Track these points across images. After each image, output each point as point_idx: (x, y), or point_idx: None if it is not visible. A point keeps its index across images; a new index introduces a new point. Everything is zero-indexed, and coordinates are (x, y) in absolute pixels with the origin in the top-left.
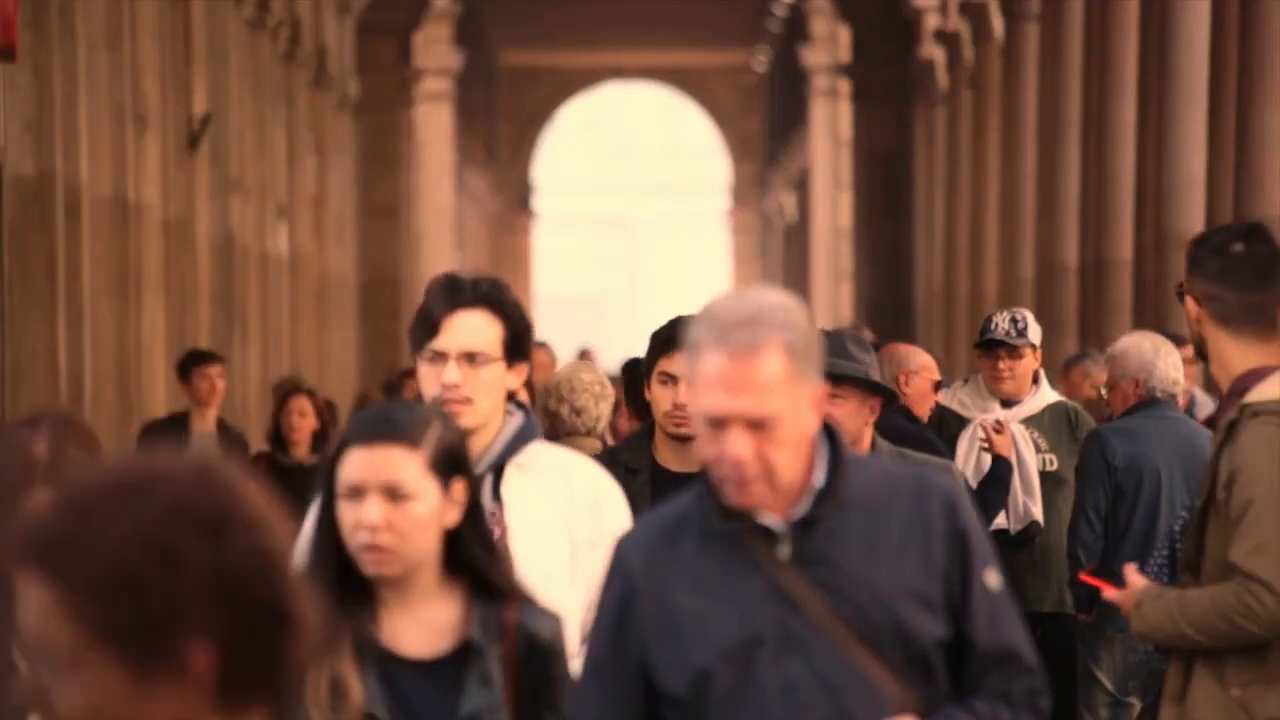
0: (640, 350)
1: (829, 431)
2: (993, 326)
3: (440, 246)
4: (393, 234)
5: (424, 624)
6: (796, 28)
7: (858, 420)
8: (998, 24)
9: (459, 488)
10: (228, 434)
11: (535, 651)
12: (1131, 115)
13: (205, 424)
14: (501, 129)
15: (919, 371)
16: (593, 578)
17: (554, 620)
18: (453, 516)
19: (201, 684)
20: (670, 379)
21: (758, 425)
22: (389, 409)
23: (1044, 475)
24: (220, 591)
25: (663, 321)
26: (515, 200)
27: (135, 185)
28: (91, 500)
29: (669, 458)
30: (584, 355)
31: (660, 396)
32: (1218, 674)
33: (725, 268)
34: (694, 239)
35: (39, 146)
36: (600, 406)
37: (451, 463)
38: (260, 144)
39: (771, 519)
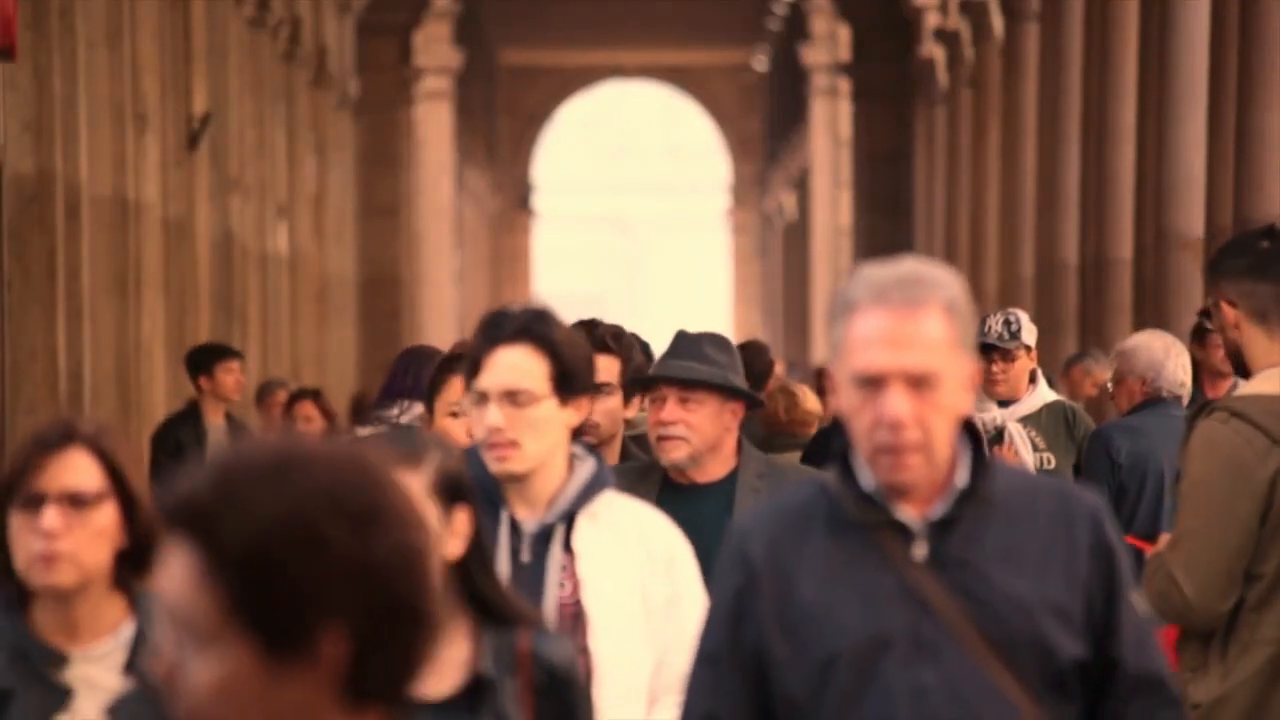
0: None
1: (971, 431)
2: (986, 329)
3: (440, 246)
4: (392, 233)
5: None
6: (796, 27)
7: (717, 425)
8: (998, 23)
9: (461, 518)
10: (236, 428)
11: (554, 681)
12: (1131, 114)
13: (217, 418)
14: (501, 128)
15: None
16: (668, 640)
17: (569, 645)
18: (455, 548)
19: (331, 673)
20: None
21: (920, 383)
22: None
23: (1042, 474)
24: (361, 582)
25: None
26: (515, 199)
27: (135, 184)
28: (245, 474)
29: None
30: None
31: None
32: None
33: (725, 267)
34: (694, 238)
35: (39, 145)
36: None
37: (453, 491)
38: (260, 143)
39: (909, 515)
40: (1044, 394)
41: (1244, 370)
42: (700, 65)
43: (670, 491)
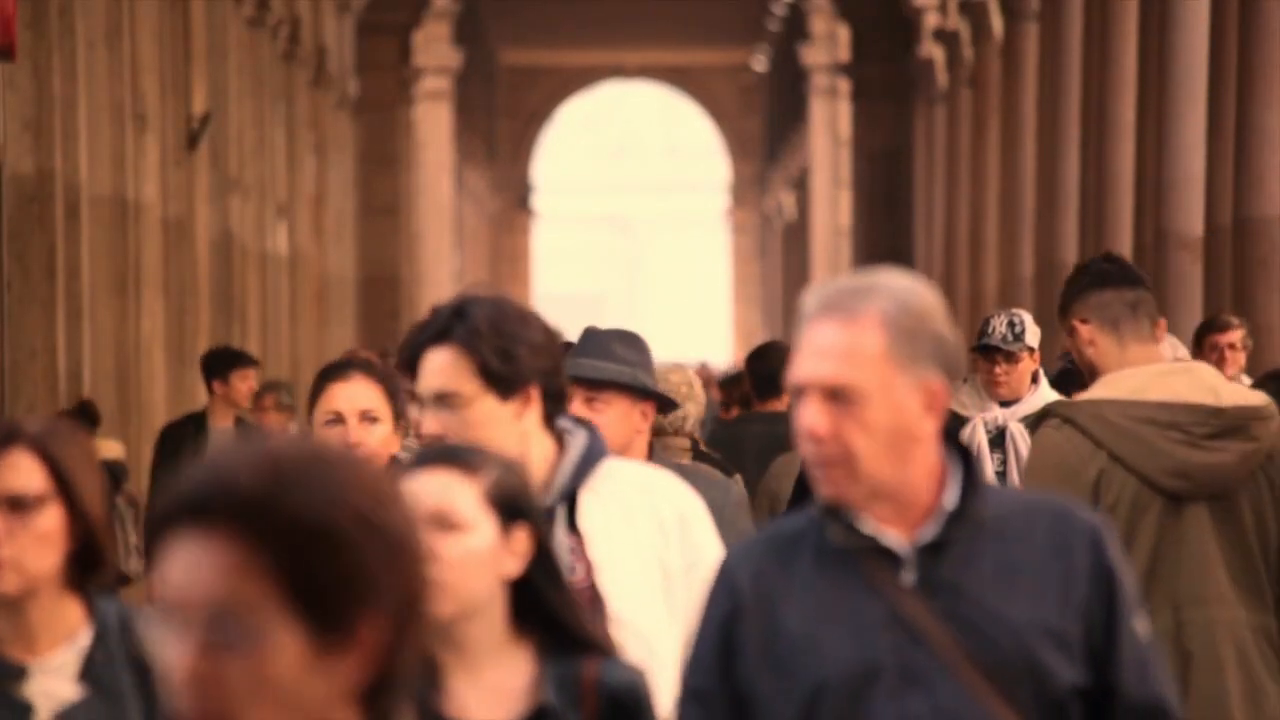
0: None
1: (963, 452)
2: (990, 330)
3: (440, 246)
4: (392, 233)
5: (491, 689)
6: (796, 27)
7: (625, 427)
8: (997, 23)
9: (520, 536)
10: (246, 432)
11: (620, 712)
12: (1131, 113)
13: (225, 422)
14: (501, 128)
15: None
16: (691, 606)
17: (638, 675)
18: (513, 566)
19: (365, 664)
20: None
21: (836, 396)
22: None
23: None
24: (401, 569)
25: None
26: (515, 199)
27: (135, 184)
28: (289, 463)
29: None
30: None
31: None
32: None
33: (725, 267)
34: (694, 238)
35: (38, 145)
36: (688, 406)
37: (511, 506)
38: (260, 143)
39: (896, 540)
40: (1045, 394)
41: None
42: (700, 65)
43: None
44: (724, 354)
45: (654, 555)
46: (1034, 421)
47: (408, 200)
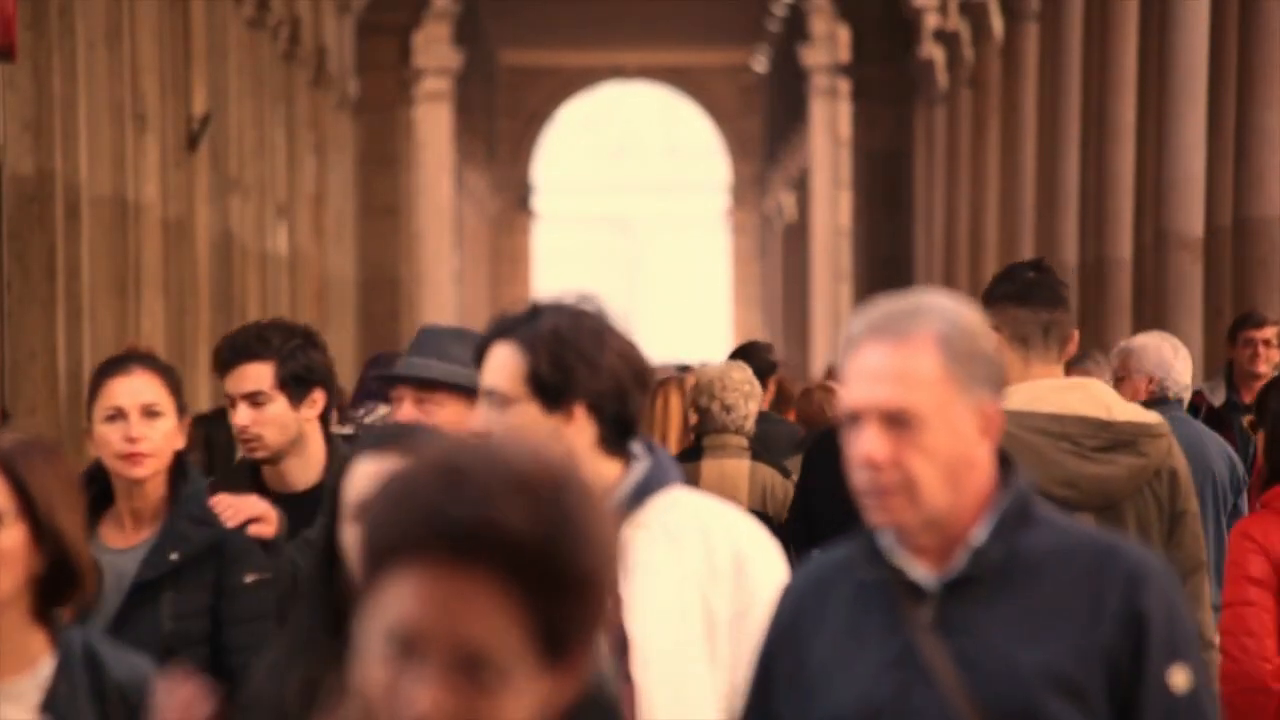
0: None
1: (1012, 480)
2: None
3: (440, 246)
4: (392, 233)
5: None
6: (796, 27)
7: (461, 425)
8: (997, 23)
9: None
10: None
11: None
12: (1131, 114)
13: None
14: (501, 128)
15: None
16: (741, 657)
17: (596, 687)
18: None
19: (573, 685)
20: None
21: (896, 421)
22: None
23: None
24: (614, 598)
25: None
26: (515, 200)
27: (135, 184)
28: (554, 500)
29: (273, 481)
30: None
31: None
32: None
33: (725, 267)
34: (694, 238)
35: (38, 145)
36: (749, 405)
37: None
38: (260, 143)
39: (923, 574)
40: None
41: None
42: (700, 66)
43: None
44: (724, 354)
45: (698, 598)
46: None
47: (408, 201)
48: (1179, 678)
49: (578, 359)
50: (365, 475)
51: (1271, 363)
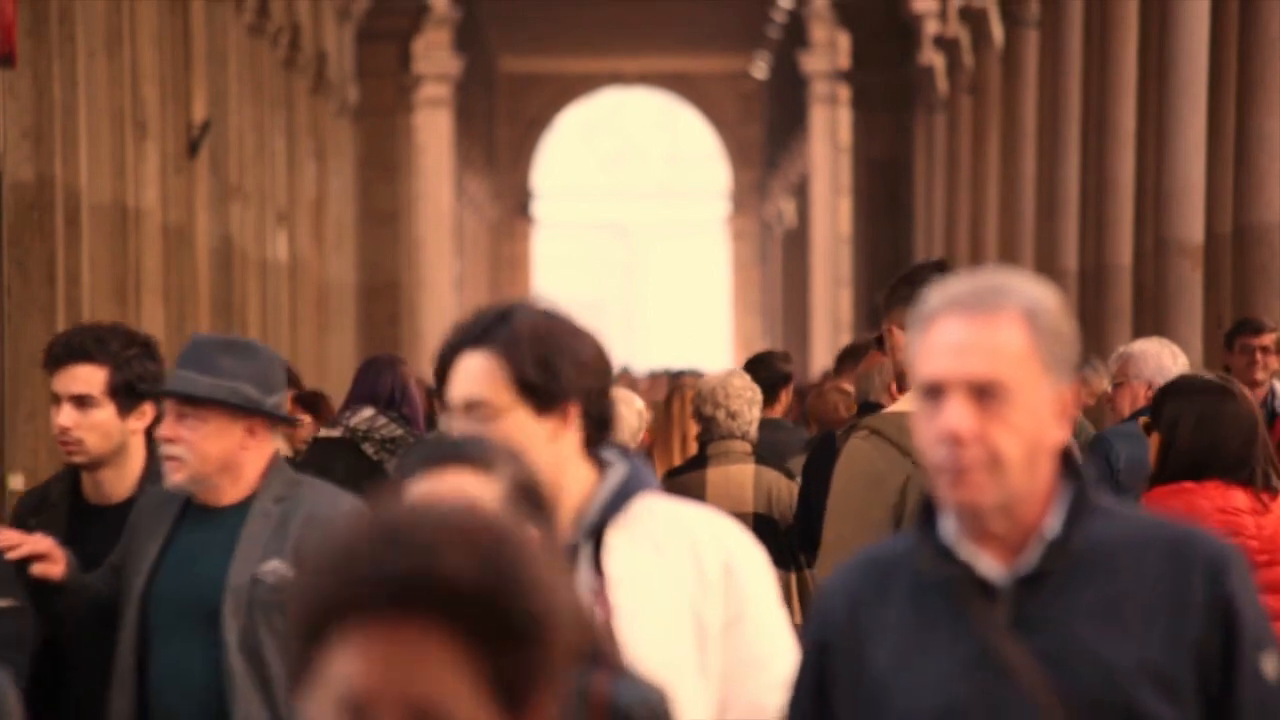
0: (639, 354)
1: (1075, 471)
2: None
3: (440, 252)
4: (392, 240)
5: None
6: (796, 34)
7: (224, 444)
8: (997, 30)
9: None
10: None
11: None
12: (1131, 120)
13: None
14: (501, 134)
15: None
16: (731, 669)
17: (656, 694)
18: None
19: None
20: (56, 399)
21: (983, 393)
22: (448, 437)
23: None
24: (577, 648)
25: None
26: (514, 206)
27: (135, 191)
28: (495, 549)
29: (89, 490)
30: None
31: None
32: None
33: (725, 274)
34: (693, 245)
35: (38, 152)
36: (752, 410)
37: (530, 504)
38: (260, 150)
39: (994, 569)
40: None
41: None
42: (700, 72)
43: (193, 514)
44: (723, 361)
45: (688, 606)
46: (844, 434)
47: (408, 207)
48: (1270, 665)
49: (563, 357)
50: (416, 490)
51: (1270, 370)
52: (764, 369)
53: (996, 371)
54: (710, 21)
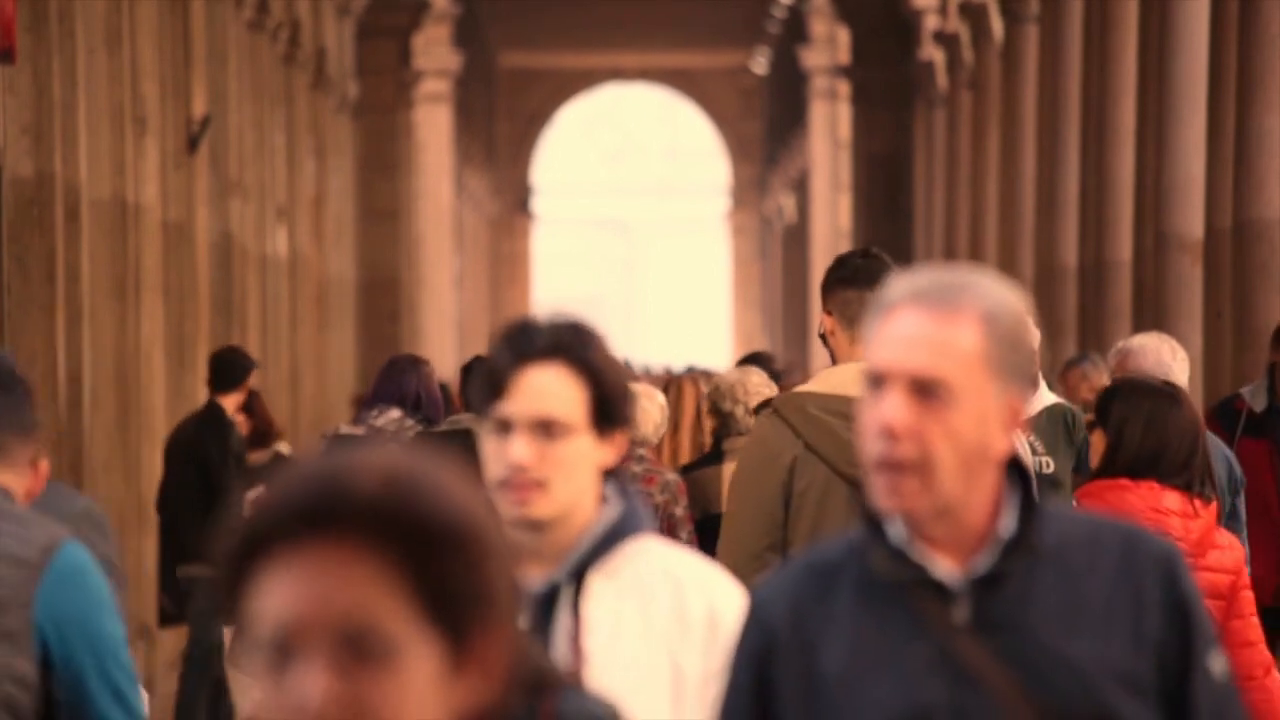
0: (637, 352)
1: (1021, 474)
2: None
3: (440, 249)
4: (392, 236)
5: None
6: (796, 29)
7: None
8: (997, 25)
9: None
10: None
11: None
12: (1131, 116)
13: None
14: (501, 130)
15: None
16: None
17: (605, 708)
18: None
19: (482, 681)
20: None
21: (926, 390)
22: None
23: (1041, 478)
24: (508, 581)
25: None
26: (514, 202)
27: (135, 187)
28: (403, 471)
29: None
30: None
31: None
32: None
33: (724, 270)
34: (693, 241)
35: (38, 148)
36: None
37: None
38: (259, 146)
39: (948, 571)
40: (1044, 397)
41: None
42: (699, 68)
43: None
44: (723, 357)
45: (666, 655)
46: (756, 411)
47: (408, 203)
48: (1218, 664)
49: (625, 386)
50: None
51: None
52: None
53: (941, 370)
54: (710, 17)
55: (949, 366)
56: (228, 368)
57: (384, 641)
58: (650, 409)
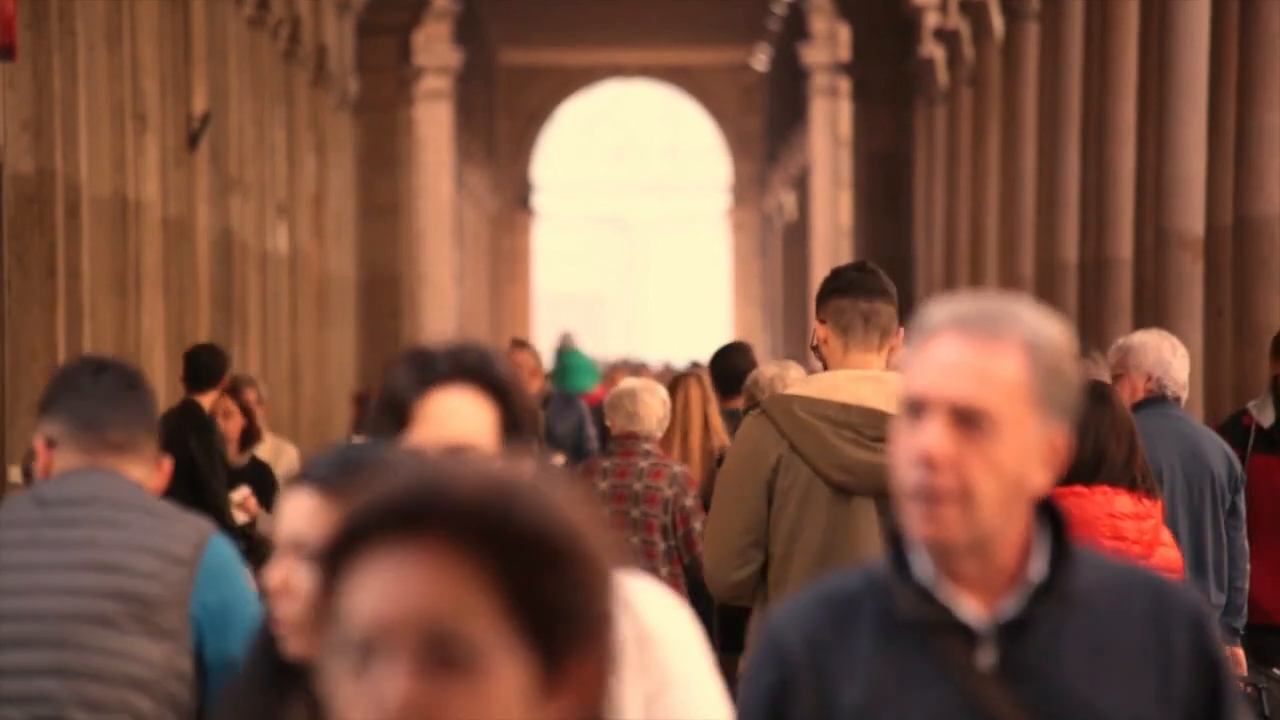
0: (638, 348)
1: (1052, 515)
2: None
3: (440, 245)
4: (392, 233)
5: None
6: (796, 26)
7: None
8: (998, 22)
9: None
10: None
11: None
12: (1131, 113)
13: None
14: (501, 127)
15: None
16: None
17: None
18: None
19: (574, 707)
20: None
21: (967, 420)
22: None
23: None
24: (609, 602)
25: None
26: (515, 199)
27: (135, 184)
28: (508, 478)
29: None
30: (565, 341)
31: None
32: None
33: (725, 267)
34: (694, 237)
35: (39, 145)
36: None
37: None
38: (260, 142)
39: (974, 613)
40: None
41: None
42: (700, 65)
43: None
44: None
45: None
46: (744, 412)
47: (408, 200)
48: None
49: (533, 405)
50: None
51: None
52: (731, 359)
53: (983, 399)
54: (711, 14)
55: (991, 396)
56: (204, 366)
57: (470, 649)
58: (652, 403)
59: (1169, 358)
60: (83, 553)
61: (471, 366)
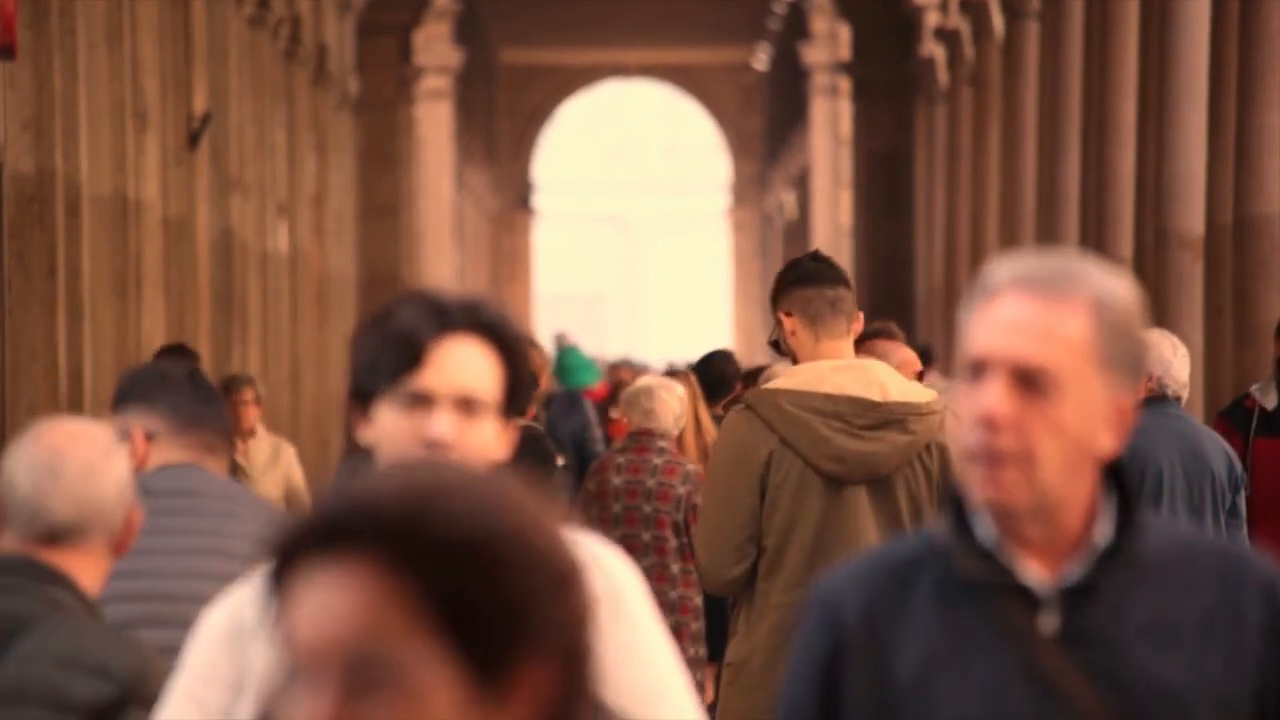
0: (638, 348)
1: (1119, 478)
2: None
3: (440, 245)
4: (393, 232)
5: None
6: (797, 25)
7: None
8: (998, 22)
9: None
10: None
11: None
12: (1132, 113)
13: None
14: (501, 127)
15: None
16: (633, 697)
17: None
18: None
19: (539, 713)
20: None
21: (1029, 381)
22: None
23: None
24: (560, 603)
25: None
26: (515, 198)
27: (135, 183)
28: (435, 484)
29: None
30: (561, 340)
31: None
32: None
33: (725, 266)
34: (694, 237)
35: (39, 144)
36: None
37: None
38: (260, 142)
39: (1037, 578)
40: None
41: None
42: (701, 64)
43: None
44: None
45: None
46: (726, 407)
47: (408, 199)
48: None
49: (534, 377)
50: None
51: None
52: (715, 365)
53: (1047, 359)
54: (711, 13)
55: (1055, 356)
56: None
57: (394, 669)
58: (669, 400)
59: (1169, 357)
60: (208, 540)
61: (488, 322)
